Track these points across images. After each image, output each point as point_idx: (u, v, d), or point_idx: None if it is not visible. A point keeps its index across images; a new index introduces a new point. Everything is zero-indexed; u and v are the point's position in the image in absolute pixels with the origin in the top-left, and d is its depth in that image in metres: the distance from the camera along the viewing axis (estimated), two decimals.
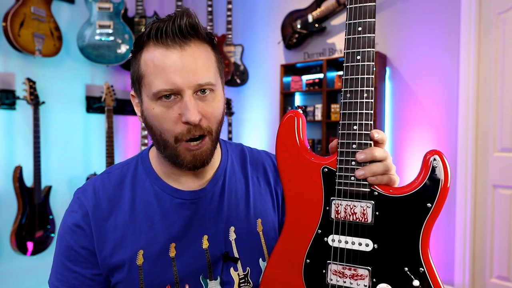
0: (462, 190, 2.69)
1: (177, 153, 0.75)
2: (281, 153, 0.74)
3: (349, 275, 0.66)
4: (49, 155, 2.88)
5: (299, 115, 0.72)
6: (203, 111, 0.73)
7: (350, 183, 0.66)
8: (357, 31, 0.64)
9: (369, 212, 0.65)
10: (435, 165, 0.63)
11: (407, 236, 0.63)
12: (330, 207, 0.69)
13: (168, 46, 0.71)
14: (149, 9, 3.55)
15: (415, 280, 0.62)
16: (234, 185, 0.87)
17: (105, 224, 0.79)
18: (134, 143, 3.54)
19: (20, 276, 2.69)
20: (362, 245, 0.66)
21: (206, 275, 0.81)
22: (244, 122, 3.96)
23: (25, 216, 2.56)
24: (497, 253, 2.60)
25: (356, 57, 0.64)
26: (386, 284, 0.63)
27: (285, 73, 3.51)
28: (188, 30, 0.71)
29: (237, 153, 0.93)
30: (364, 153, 0.66)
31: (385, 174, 0.67)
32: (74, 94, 3.10)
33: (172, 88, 0.70)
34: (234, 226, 0.84)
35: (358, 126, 0.65)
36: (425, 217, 0.62)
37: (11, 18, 2.53)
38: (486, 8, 2.64)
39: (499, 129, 2.60)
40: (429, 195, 0.62)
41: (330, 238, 0.69)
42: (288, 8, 3.51)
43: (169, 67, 0.70)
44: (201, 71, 0.72)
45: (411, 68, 2.94)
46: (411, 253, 0.62)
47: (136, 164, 0.86)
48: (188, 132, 0.72)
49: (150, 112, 0.75)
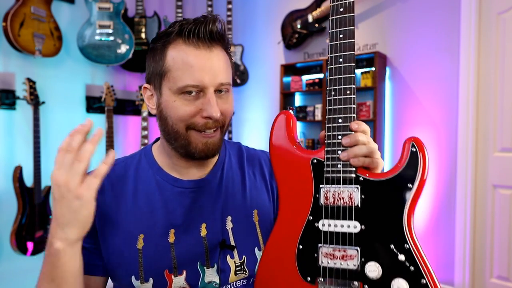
0: (462, 190, 2.69)
1: (188, 142, 0.80)
2: (274, 148, 0.80)
3: (339, 256, 0.70)
4: (49, 155, 2.88)
5: (290, 115, 0.80)
6: (221, 108, 0.80)
7: (337, 171, 0.72)
8: (339, 38, 0.73)
9: (356, 196, 0.70)
10: (413, 150, 0.68)
11: (392, 216, 0.68)
12: (319, 194, 0.74)
13: (198, 47, 0.78)
14: (149, 9, 3.54)
15: (401, 255, 0.65)
16: (231, 177, 0.91)
17: (108, 208, 0.83)
18: (134, 143, 3.54)
19: (20, 276, 2.69)
20: (351, 227, 0.70)
21: (204, 262, 0.84)
22: (244, 122, 3.96)
23: (25, 216, 2.56)
24: (497, 253, 2.60)
25: (339, 59, 0.72)
26: (374, 262, 0.67)
27: (285, 73, 3.50)
28: (217, 35, 0.80)
29: (234, 150, 0.98)
30: (348, 137, 0.72)
31: (367, 157, 0.72)
32: (74, 94, 3.10)
33: (198, 85, 0.77)
34: (231, 216, 0.88)
35: (342, 119, 0.72)
36: (408, 197, 0.67)
37: (11, 18, 2.53)
38: (486, 8, 2.64)
39: (499, 129, 2.60)
40: (410, 176, 0.67)
41: (321, 223, 0.73)
42: (288, 8, 3.51)
43: (198, 66, 0.77)
44: (223, 72, 0.80)
45: (411, 68, 2.94)
46: (396, 231, 0.67)
47: (140, 157, 0.91)
48: (204, 124, 0.79)
49: (170, 104, 0.79)
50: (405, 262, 0.65)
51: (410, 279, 0.64)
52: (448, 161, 2.77)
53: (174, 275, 0.83)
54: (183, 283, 0.83)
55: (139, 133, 3.46)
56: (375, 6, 3.11)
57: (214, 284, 0.84)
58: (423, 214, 2.86)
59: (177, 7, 3.49)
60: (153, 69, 0.82)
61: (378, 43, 3.09)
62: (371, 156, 0.73)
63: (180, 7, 3.48)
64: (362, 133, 0.73)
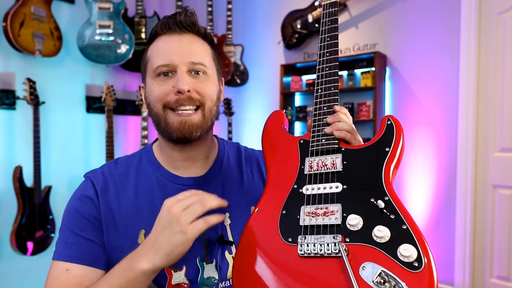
0: (462, 190, 2.69)
1: (166, 122, 0.83)
2: (266, 131, 0.88)
3: (321, 213, 0.71)
4: (49, 155, 2.88)
5: (283, 114, 0.90)
6: (194, 86, 0.83)
7: (321, 144, 0.79)
8: (326, 55, 0.85)
9: (338, 162, 0.76)
10: (389, 123, 0.77)
11: (371, 174, 0.72)
12: (304, 165, 0.79)
13: (170, 33, 0.84)
14: (149, 9, 3.54)
15: (380, 201, 0.67)
16: (229, 175, 0.94)
17: (111, 205, 0.85)
18: (134, 143, 3.54)
19: (20, 276, 2.69)
20: (333, 188, 0.73)
21: (203, 258, 0.86)
22: (244, 122, 3.96)
23: (25, 216, 2.56)
24: (497, 253, 2.60)
25: (325, 69, 0.85)
26: (355, 214, 0.68)
27: (285, 73, 3.51)
28: (187, 23, 0.85)
29: (233, 149, 1.00)
30: (332, 116, 0.81)
31: (348, 132, 0.79)
32: (74, 94, 3.10)
33: (168, 63, 0.82)
34: (229, 212, 0.89)
35: (327, 107, 0.82)
36: (385, 157, 0.73)
37: (11, 18, 2.53)
38: (486, 8, 2.64)
39: (499, 129, 2.60)
40: (386, 142, 0.75)
41: (304, 188, 0.76)
42: (288, 8, 3.51)
43: (168, 48, 0.83)
44: (195, 53, 0.84)
45: (411, 68, 2.94)
46: (376, 186, 0.70)
47: (141, 155, 0.94)
48: (177, 101, 0.82)
49: (149, 88, 0.85)
50: (385, 211, 0.66)
51: (391, 226, 0.64)
52: (448, 161, 2.77)
53: (174, 271, 0.84)
54: (182, 278, 0.84)
55: (139, 133, 3.46)
56: (375, 6, 3.11)
57: (213, 280, 0.86)
58: (423, 214, 2.86)
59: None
60: (141, 66, 0.90)
61: (378, 43, 3.09)
62: (352, 133, 0.80)
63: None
64: (344, 115, 0.81)
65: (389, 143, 0.74)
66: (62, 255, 0.81)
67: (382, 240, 0.63)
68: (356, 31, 3.21)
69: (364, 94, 3.14)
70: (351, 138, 0.79)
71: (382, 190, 0.69)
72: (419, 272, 0.58)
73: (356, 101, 3.16)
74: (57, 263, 0.81)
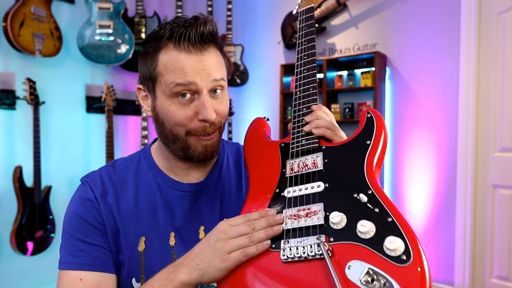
0: (462, 190, 2.69)
1: (188, 145, 0.80)
2: (247, 144, 0.87)
3: (303, 215, 0.68)
4: (49, 155, 2.88)
5: (264, 120, 0.91)
6: (216, 109, 0.79)
7: (301, 145, 0.78)
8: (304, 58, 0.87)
9: (319, 161, 0.74)
10: (369, 116, 0.75)
11: (353, 169, 0.70)
12: (285, 168, 0.78)
13: (190, 52, 0.76)
14: (149, 9, 3.55)
15: (362, 195, 0.64)
16: (228, 180, 0.92)
17: (111, 208, 0.83)
18: (134, 143, 3.54)
19: (20, 276, 2.69)
20: (314, 188, 0.71)
21: None
22: (244, 122, 3.96)
23: (25, 216, 2.57)
24: (497, 253, 2.60)
25: (304, 71, 0.86)
26: (338, 212, 0.65)
27: (285, 73, 3.51)
28: (208, 37, 0.78)
29: (233, 151, 0.98)
30: (310, 115, 0.80)
31: (328, 129, 0.77)
32: (74, 94, 3.10)
33: (189, 83, 0.76)
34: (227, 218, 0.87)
35: (306, 108, 0.82)
36: (366, 151, 0.71)
37: (11, 18, 2.53)
38: (486, 8, 2.64)
39: (499, 129, 2.60)
40: (367, 135, 0.73)
41: (286, 191, 0.74)
42: (288, 8, 3.51)
43: (189, 69, 0.76)
44: (215, 70, 0.79)
45: (411, 68, 2.94)
46: (358, 181, 0.68)
47: (139, 159, 0.91)
48: (203, 129, 0.79)
49: (166, 108, 0.79)
50: (369, 205, 0.63)
51: (375, 220, 0.61)
52: (448, 161, 2.77)
53: None
54: None
55: (139, 133, 3.46)
56: (375, 6, 3.11)
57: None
58: (423, 214, 2.86)
59: (177, 7, 3.49)
60: (145, 73, 0.81)
61: (378, 43, 3.09)
62: (332, 129, 0.78)
63: (180, 7, 3.48)
64: (324, 113, 0.80)
65: (369, 135, 0.72)
66: (71, 264, 0.78)
67: (367, 236, 0.60)
68: (356, 31, 3.22)
69: (364, 94, 3.14)
70: (332, 135, 0.77)
71: (365, 183, 0.66)
72: (408, 266, 0.54)
73: (356, 101, 3.16)
74: (67, 272, 0.78)
